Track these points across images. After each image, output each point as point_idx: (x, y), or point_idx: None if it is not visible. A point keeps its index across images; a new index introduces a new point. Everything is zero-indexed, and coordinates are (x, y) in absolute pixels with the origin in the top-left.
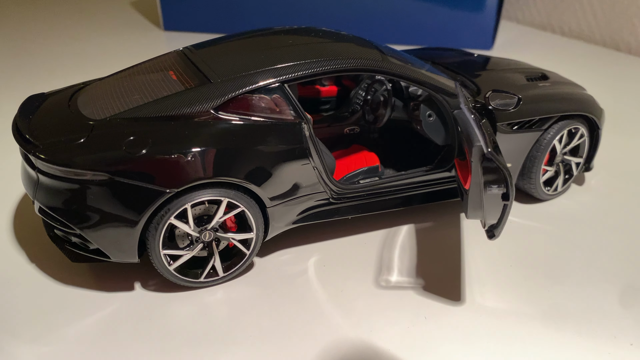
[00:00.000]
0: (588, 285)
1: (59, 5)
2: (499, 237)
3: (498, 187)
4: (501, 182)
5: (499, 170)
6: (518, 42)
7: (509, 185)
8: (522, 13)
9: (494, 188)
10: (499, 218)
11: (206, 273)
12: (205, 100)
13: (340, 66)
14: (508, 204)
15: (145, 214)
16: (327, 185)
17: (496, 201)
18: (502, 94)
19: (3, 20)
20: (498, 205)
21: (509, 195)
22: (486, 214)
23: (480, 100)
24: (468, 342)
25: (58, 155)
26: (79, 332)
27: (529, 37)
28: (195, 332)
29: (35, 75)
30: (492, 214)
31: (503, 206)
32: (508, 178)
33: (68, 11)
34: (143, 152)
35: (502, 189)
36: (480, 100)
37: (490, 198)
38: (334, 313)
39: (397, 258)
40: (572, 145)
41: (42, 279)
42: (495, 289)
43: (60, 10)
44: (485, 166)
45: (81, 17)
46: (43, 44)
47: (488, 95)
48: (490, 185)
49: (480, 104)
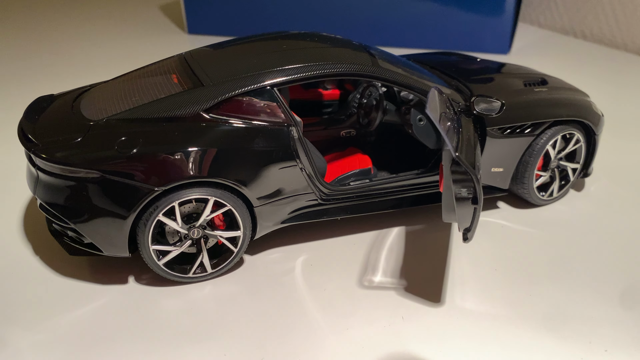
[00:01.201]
0: (570, 291)
1: (91, 9)
2: (472, 239)
3: (467, 190)
4: (470, 186)
5: (467, 174)
6: (537, 46)
7: (477, 189)
8: (543, 17)
9: (463, 191)
10: (471, 221)
11: (195, 269)
12: (196, 102)
13: (328, 71)
14: (477, 207)
15: (135, 211)
16: (316, 186)
17: (467, 204)
18: (486, 99)
19: (37, 22)
20: (469, 209)
21: (477, 199)
22: (458, 216)
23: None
24: (441, 342)
25: (55, 154)
26: (71, 321)
27: (549, 41)
28: (180, 326)
29: (59, 76)
30: (464, 217)
31: (473, 209)
32: (476, 182)
33: (99, 15)
34: (133, 152)
35: (471, 193)
36: (466, 105)
37: (461, 201)
38: (313, 311)
39: (383, 259)
40: (568, 150)
41: (43, 271)
42: (476, 292)
43: (92, 14)
44: (454, 170)
45: (110, 21)
46: (72, 46)
47: (473, 100)
48: (459, 188)
49: (467, 109)
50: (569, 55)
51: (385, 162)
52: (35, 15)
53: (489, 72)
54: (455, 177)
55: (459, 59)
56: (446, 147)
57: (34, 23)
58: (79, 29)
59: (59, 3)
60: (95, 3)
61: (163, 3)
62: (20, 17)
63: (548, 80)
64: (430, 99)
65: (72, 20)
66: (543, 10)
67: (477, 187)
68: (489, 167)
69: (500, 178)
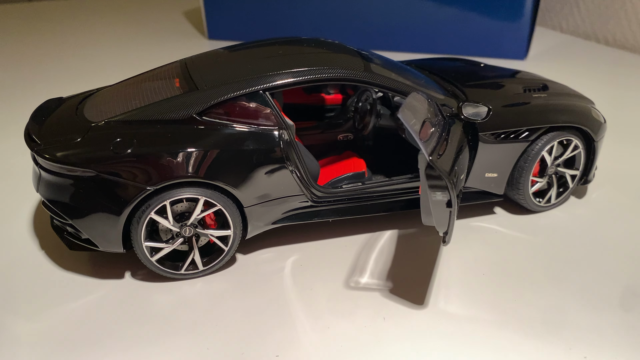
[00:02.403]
0: (557, 298)
1: (117, 13)
2: (449, 243)
3: (442, 194)
4: (444, 189)
5: (441, 178)
6: (556, 52)
7: (451, 193)
8: (565, 22)
9: (438, 195)
10: (447, 224)
11: (186, 266)
12: (190, 106)
13: (318, 76)
14: (452, 210)
15: (128, 208)
16: (307, 189)
17: (442, 208)
18: (473, 105)
19: (63, 26)
20: (445, 212)
21: (451, 203)
22: (435, 219)
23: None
24: (419, 343)
25: (55, 153)
26: (67, 312)
27: (569, 46)
28: (169, 319)
29: (80, 78)
30: (441, 220)
31: (449, 213)
32: (450, 186)
33: (124, 20)
34: (127, 152)
35: (446, 196)
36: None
37: (436, 205)
38: (297, 309)
39: (372, 261)
40: (565, 157)
41: (46, 264)
42: (461, 296)
43: (117, 18)
44: (428, 173)
45: (135, 26)
46: (97, 49)
47: (460, 106)
48: (434, 192)
49: (456, 114)
50: (589, 61)
51: (381, 166)
52: (62, 19)
53: (489, 78)
54: (430, 180)
55: (462, 65)
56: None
57: (61, 27)
58: (105, 33)
59: (87, 8)
60: (121, 8)
61: (187, 9)
62: (48, 21)
63: (549, 86)
64: (407, 104)
65: (99, 24)
66: (565, 15)
67: (451, 191)
68: (482, 173)
69: (494, 183)
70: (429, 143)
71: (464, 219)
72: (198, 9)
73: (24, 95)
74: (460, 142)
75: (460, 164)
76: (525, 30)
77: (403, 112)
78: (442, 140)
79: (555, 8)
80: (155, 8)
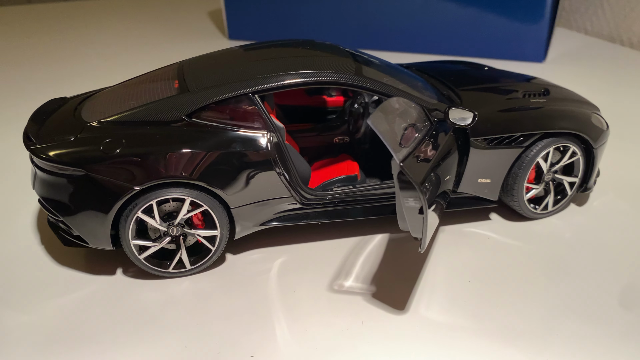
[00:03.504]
0: (541, 307)
1: (143, 14)
2: (424, 249)
3: (414, 200)
4: (416, 196)
5: (411, 185)
6: (578, 54)
7: (423, 200)
8: (590, 24)
9: (410, 201)
10: (422, 230)
11: (174, 265)
12: (179, 107)
13: (307, 79)
14: (424, 217)
15: (115, 207)
16: (296, 191)
17: (415, 214)
18: (459, 110)
19: (90, 26)
20: (418, 219)
21: (422, 209)
22: (410, 225)
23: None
24: (394, 348)
25: (48, 152)
26: (57, 306)
27: (592, 48)
28: (152, 316)
29: (102, 78)
30: (416, 226)
31: (422, 219)
32: (421, 193)
33: (148, 19)
34: (116, 152)
35: (418, 203)
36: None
37: (409, 211)
38: (278, 311)
39: (359, 265)
40: (563, 163)
41: (44, 258)
42: (443, 302)
43: (141, 18)
44: (400, 179)
45: (158, 25)
46: (120, 48)
47: (446, 111)
48: (406, 198)
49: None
50: (611, 64)
51: (375, 169)
52: (88, 20)
53: (489, 82)
54: (402, 186)
55: (464, 68)
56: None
57: (87, 27)
58: (130, 33)
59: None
60: (147, 8)
61: (211, 9)
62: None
63: (552, 92)
64: (381, 109)
65: (123, 23)
66: (590, 16)
67: (422, 198)
68: (475, 178)
69: (488, 189)
70: (403, 148)
71: (457, 224)
72: (220, 10)
73: (47, 93)
74: (446, 146)
75: (443, 169)
76: (543, 32)
77: (373, 118)
78: (423, 145)
79: (579, 9)
80: (179, 8)
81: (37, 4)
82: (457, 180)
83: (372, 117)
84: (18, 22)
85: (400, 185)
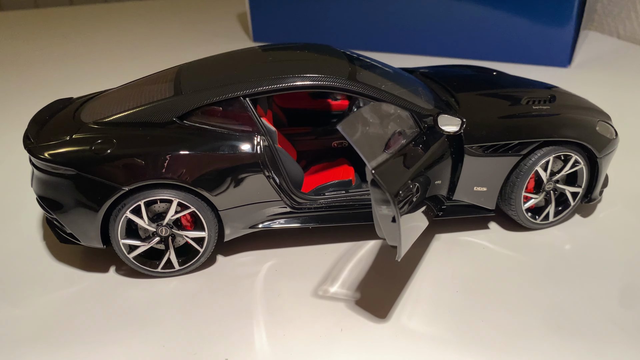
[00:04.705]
0: (527, 322)
1: (170, 15)
2: (400, 258)
3: (387, 208)
4: (389, 204)
5: (384, 193)
6: (607, 59)
7: (395, 209)
8: (623, 27)
9: (383, 209)
10: (398, 239)
11: (162, 265)
12: (171, 110)
13: (299, 83)
14: (398, 226)
15: (104, 206)
16: (287, 195)
17: (389, 222)
18: (448, 116)
19: (121, 28)
20: (393, 227)
21: (394, 218)
22: (385, 233)
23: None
24: (369, 357)
25: (43, 151)
26: (48, 301)
27: (623, 53)
28: (137, 314)
29: (123, 77)
30: (391, 234)
31: (396, 228)
32: (392, 202)
33: (179, 21)
34: (107, 153)
35: (392, 212)
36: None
37: (383, 219)
38: (259, 315)
39: (347, 271)
40: (564, 173)
41: (44, 254)
42: (426, 312)
43: (170, 19)
44: (373, 187)
45: (187, 27)
46: (149, 50)
47: (435, 117)
48: (379, 206)
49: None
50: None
51: None
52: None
53: (495, 87)
54: (374, 193)
55: (471, 73)
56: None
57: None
58: (158, 34)
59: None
60: (177, 11)
61: (240, 12)
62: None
63: (558, 98)
64: (354, 116)
65: (152, 25)
66: (622, 20)
67: (394, 207)
68: (471, 186)
69: (484, 198)
70: (380, 155)
71: (453, 232)
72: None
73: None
74: (437, 152)
75: (432, 174)
76: (568, 36)
77: (343, 123)
78: (406, 151)
79: (612, 12)
80: (208, 10)
81: (77, 5)
82: (451, 188)
83: (342, 123)
84: (59, 23)
85: (373, 193)
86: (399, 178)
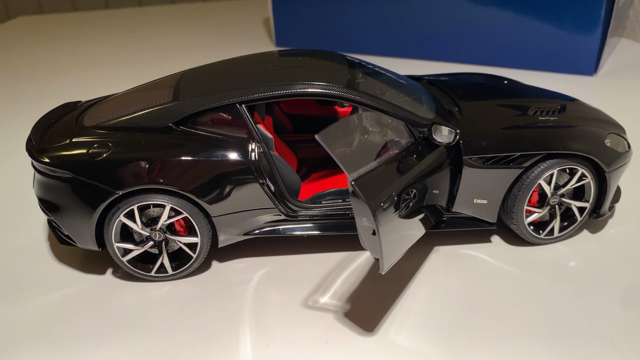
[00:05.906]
0: (519, 342)
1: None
2: (384, 271)
3: (368, 220)
4: (369, 216)
5: (364, 204)
6: (637, 67)
7: (374, 222)
8: None
9: (364, 221)
10: (380, 251)
11: (156, 269)
12: (167, 115)
13: (295, 90)
14: (377, 238)
15: (99, 210)
16: (282, 202)
17: (369, 234)
18: (443, 126)
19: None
20: (374, 239)
21: (374, 231)
22: (367, 245)
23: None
24: None
25: (42, 154)
26: (44, 302)
27: None
28: (127, 318)
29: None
30: (372, 246)
31: (377, 241)
32: (372, 214)
33: (203, 25)
34: (102, 157)
35: (372, 224)
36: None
37: (364, 230)
38: (246, 323)
39: (340, 281)
40: (570, 187)
41: (46, 254)
42: (415, 327)
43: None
44: (353, 198)
45: (214, 31)
46: (174, 53)
47: (429, 127)
48: (360, 217)
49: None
50: None
51: None
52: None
53: (503, 97)
54: (354, 205)
55: (481, 81)
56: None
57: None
58: (185, 37)
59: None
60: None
61: (265, 17)
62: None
63: (568, 109)
64: (335, 125)
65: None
66: None
67: (374, 220)
68: (471, 198)
69: (485, 210)
70: (363, 165)
71: (453, 244)
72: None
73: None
74: (433, 163)
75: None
76: (595, 43)
77: (322, 134)
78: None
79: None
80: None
81: (112, 9)
82: (451, 199)
83: (321, 134)
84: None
85: (354, 204)
86: (384, 189)
